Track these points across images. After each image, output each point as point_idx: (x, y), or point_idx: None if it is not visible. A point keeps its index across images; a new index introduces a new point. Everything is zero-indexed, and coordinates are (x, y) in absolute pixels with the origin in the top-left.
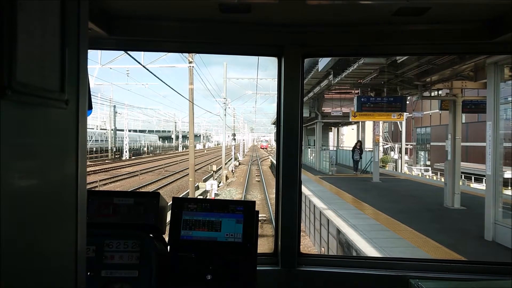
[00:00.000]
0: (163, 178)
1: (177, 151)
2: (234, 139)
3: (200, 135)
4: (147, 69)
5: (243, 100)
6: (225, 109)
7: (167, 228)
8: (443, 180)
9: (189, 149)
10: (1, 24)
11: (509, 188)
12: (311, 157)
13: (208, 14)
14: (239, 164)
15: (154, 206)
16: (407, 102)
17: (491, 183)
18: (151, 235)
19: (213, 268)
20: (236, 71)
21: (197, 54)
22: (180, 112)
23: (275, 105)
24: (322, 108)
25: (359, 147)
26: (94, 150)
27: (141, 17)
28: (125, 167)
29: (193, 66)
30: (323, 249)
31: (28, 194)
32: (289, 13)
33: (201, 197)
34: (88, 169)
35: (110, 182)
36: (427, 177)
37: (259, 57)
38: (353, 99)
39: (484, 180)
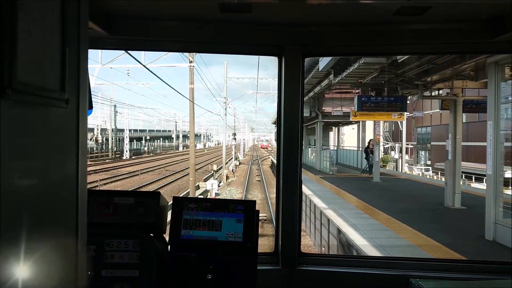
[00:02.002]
0: (164, 177)
1: (177, 151)
2: (235, 139)
3: (200, 135)
4: (148, 69)
5: (243, 100)
6: (225, 109)
7: (168, 227)
8: (443, 179)
9: (190, 148)
10: (1, 24)
11: (510, 187)
12: (312, 157)
13: (209, 13)
14: (240, 164)
15: (154, 206)
16: (408, 102)
17: (492, 182)
18: (151, 234)
19: (214, 268)
20: (237, 71)
21: (198, 54)
22: (180, 112)
23: (275, 104)
24: (323, 108)
25: (372, 147)
26: (95, 149)
27: (142, 16)
28: (125, 167)
29: (193, 66)
30: (323, 248)
31: (28, 194)
32: (289, 13)
33: (202, 196)
34: (88, 168)
35: (111, 182)
36: (428, 176)
37: (260, 56)
38: (353, 98)
39: (484, 179)
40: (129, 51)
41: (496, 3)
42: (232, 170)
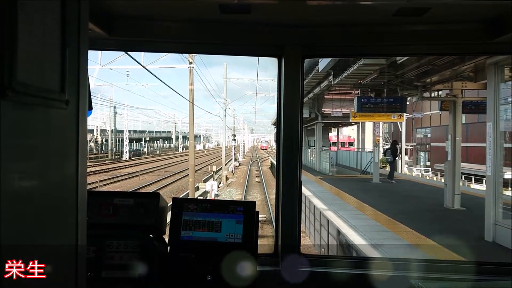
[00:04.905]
0: (163, 178)
1: (177, 152)
2: (234, 140)
3: (200, 136)
4: (147, 70)
5: (243, 101)
6: (225, 110)
7: (167, 228)
8: (443, 180)
9: (189, 149)
10: (1, 25)
11: (509, 189)
12: (311, 158)
13: (208, 14)
14: (239, 165)
15: (154, 207)
16: (407, 103)
17: (491, 183)
18: (151, 235)
19: (213, 269)
20: (237, 72)
21: (198, 55)
22: (180, 113)
23: (275, 105)
24: (322, 109)
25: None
26: (94, 150)
27: (142, 17)
28: (125, 168)
29: (193, 67)
30: (323, 250)
31: (28, 194)
32: (289, 14)
33: (201, 197)
34: (88, 169)
35: (110, 183)
36: (427, 177)
37: (259, 57)
38: (353, 99)
39: (484, 180)
40: (128, 52)
41: (496, 4)
42: (232, 171)
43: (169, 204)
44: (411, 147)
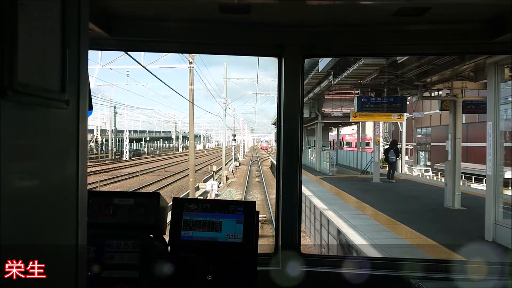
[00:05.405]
0: (163, 178)
1: (177, 152)
2: (234, 140)
3: (200, 136)
4: (147, 70)
5: (243, 101)
6: (225, 110)
7: (168, 228)
8: (443, 180)
9: (190, 149)
10: (1, 25)
11: (510, 188)
12: (311, 158)
13: (208, 14)
14: (239, 165)
15: (154, 207)
16: (407, 103)
17: (492, 183)
18: (151, 235)
19: (214, 269)
20: (237, 71)
21: (198, 55)
22: (180, 113)
23: (275, 105)
24: (322, 109)
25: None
26: (94, 150)
27: (142, 17)
28: (125, 168)
29: (193, 67)
30: (323, 250)
31: (28, 194)
32: (289, 13)
33: (202, 197)
34: (88, 169)
35: (111, 183)
36: (428, 177)
37: (260, 57)
38: (353, 99)
39: (484, 180)
40: (129, 52)
41: (496, 3)
42: (232, 171)
43: (169, 204)
44: (411, 147)
